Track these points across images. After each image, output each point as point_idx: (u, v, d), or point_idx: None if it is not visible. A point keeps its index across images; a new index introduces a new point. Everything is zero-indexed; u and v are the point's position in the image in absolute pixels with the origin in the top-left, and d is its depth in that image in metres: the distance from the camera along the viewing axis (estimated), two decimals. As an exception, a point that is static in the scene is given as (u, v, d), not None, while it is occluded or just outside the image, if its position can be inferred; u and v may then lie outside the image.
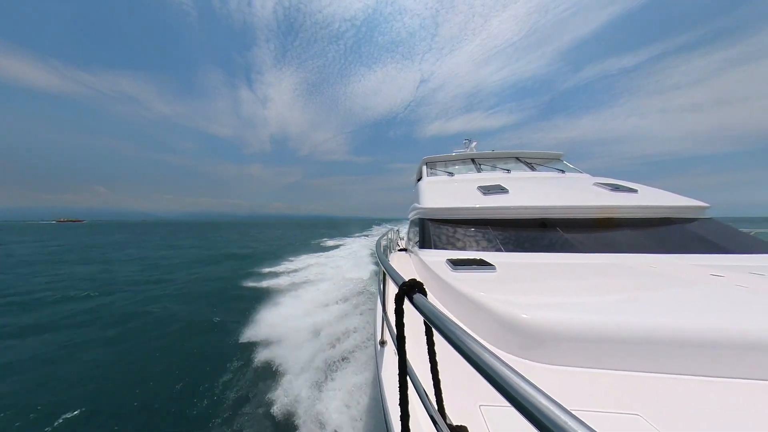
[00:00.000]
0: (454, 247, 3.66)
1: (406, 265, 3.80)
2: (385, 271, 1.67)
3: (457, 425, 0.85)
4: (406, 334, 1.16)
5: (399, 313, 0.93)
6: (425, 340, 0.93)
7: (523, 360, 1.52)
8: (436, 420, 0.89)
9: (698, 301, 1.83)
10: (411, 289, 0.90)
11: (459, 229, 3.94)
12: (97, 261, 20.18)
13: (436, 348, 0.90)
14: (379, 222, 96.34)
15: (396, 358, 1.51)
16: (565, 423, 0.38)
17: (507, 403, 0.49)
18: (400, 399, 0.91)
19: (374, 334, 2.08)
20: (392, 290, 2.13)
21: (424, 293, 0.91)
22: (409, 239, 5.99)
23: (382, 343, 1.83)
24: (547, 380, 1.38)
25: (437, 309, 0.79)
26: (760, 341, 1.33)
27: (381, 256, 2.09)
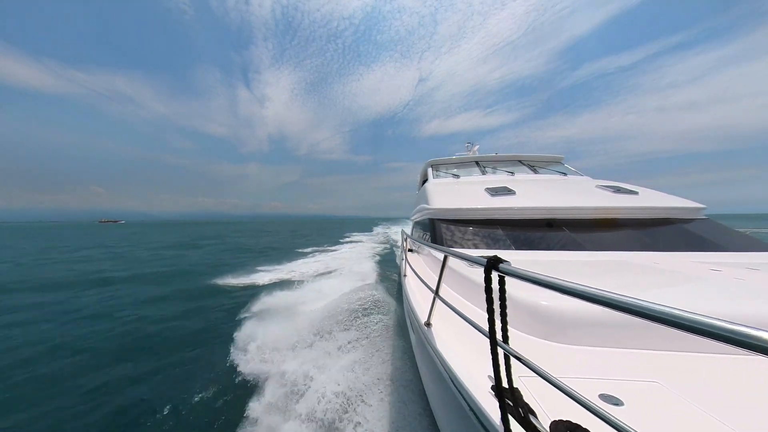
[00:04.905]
0: (465, 246, 3.75)
1: (418, 265, 3.93)
2: (445, 255, 1.72)
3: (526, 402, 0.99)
4: (439, 320, 1.62)
5: (488, 282, 1.07)
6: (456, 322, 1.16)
7: (548, 342, 1.64)
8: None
9: (702, 292, 1.95)
10: (498, 261, 1.04)
11: (469, 229, 4.05)
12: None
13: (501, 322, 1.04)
14: (379, 222, 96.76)
15: (449, 336, 1.72)
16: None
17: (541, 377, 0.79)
18: (493, 366, 1.02)
19: (416, 320, 2.18)
20: (450, 272, 2.27)
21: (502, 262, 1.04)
22: (414, 241, 6.29)
23: (428, 324, 1.93)
24: (571, 357, 1.50)
25: (526, 270, 0.93)
26: (759, 323, 1.47)
27: (439, 245, 2.20)
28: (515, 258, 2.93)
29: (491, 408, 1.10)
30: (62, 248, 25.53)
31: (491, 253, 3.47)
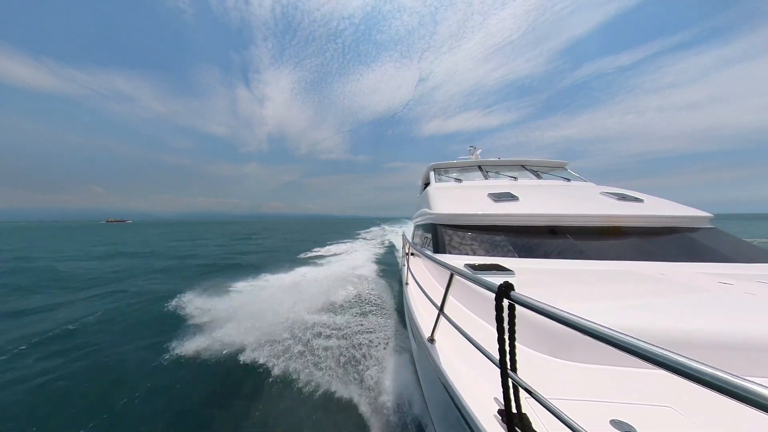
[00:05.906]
0: (468, 252, 3.78)
1: (420, 271, 3.95)
2: (452, 273, 1.74)
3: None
4: (443, 335, 1.72)
5: (499, 309, 1.07)
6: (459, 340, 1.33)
7: (556, 359, 1.62)
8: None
9: (711, 307, 1.91)
10: (509, 288, 1.04)
11: (472, 235, 4.08)
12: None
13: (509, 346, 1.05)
14: (379, 221, 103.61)
15: (453, 353, 1.74)
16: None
17: (554, 396, 0.82)
18: (504, 395, 1.02)
19: (419, 334, 2.15)
20: (457, 289, 2.25)
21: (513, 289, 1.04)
22: (417, 249, 5.78)
23: (432, 340, 1.90)
24: (581, 377, 1.48)
25: (538, 301, 0.92)
26: None
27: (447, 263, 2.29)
28: (518, 266, 2.93)
29: None
30: (154, 243, 31.36)
31: (494, 260, 3.11)
